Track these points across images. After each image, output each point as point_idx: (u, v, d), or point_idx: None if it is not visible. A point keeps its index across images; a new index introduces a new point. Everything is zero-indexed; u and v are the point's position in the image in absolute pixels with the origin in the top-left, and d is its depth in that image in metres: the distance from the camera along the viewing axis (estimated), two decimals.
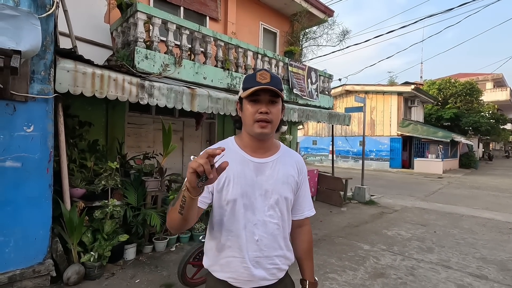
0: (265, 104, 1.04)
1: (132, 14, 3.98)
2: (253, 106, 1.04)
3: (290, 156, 1.19)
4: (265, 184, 1.08)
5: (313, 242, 1.30)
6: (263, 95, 1.04)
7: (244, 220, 1.06)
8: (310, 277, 1.22)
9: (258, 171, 1.09)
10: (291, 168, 1.16)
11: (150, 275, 3.14)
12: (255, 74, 1.05)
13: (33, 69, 2.59)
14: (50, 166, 2.73)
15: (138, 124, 5.34)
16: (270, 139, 1.13)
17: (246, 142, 1.12)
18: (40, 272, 2.65)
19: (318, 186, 7.25)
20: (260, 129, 1.04)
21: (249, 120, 1.05)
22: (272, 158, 1.13)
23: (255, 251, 1.06)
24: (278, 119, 1.09)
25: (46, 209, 2.71)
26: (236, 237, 1.06)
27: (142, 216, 3.63)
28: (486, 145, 29.65)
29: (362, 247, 4.11)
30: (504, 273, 3.37)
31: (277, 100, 1.06)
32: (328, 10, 8.46)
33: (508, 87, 28.06)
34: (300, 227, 1.24)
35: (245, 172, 1.07)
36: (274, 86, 1.03)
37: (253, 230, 1.06)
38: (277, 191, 1.10)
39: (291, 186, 1.14)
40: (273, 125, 1.07)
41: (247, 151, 1.11)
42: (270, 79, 1.03)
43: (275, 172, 1.11)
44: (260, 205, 1.08)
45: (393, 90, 16.32)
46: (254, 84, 1.02)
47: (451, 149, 17.03)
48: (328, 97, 7.29)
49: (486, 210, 6.60)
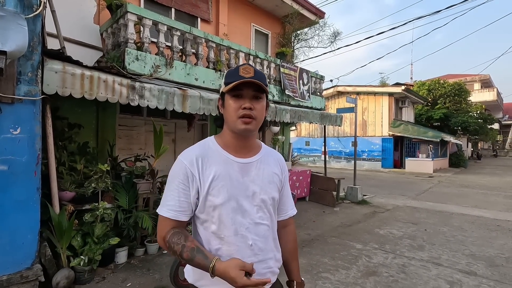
0: (248, 100, 0.98)
1: (122, 15, 3.95)
2: (236, 102, 0.98)
3: (272, 155, 1.16)
4: (251, 185, 1.04)
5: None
6: (246, 90, 0.98)
7: (235, 225, 0.99)
8: (297, 277, 1.20)
9: (243, 172, 1.04)
10: (275, 167, 1.13)
11: (142, 278, 3.11)
12: (238, 68, 1.00)
13: (20, 70, 2.54)
14: (38, 169, 2.67)
15: (129, 126, 5.28)
16: (253, 137, 1.09)
17: (228, 141, 1.06)
18: (28, 278, 2.58)
19: (311, 187, 7.29)
20: (244, 125, 0.98)
21: (231, 116, 0.99)
22: (256, 158, 1.08)
23: (250, 257, 0.99)
24: (262, 116, 1.03)
25: (34, 213, 2.65)
26: (228, 244, 0.99)
27: (134, 219, 3.59)
28: (474, 144, 30.28)
29: (354, 246, 4.14)
30: (492, 269, 3.43)
31: (261, 95, 1.01)
32: (319, 12, 8.54)
33: (495, 88, 28.79)
34: (285, 227, 1.22)
35: (230, 173, 1.01)
36: (258, 80, 0.97)
37: (245, 234, 1.00)
38: (264, 192, 1.06)
39: (276, 185, 1.11)
40: (257, 122, 1.01)
41: (229, 151, 1.05)
42: (253, 74, 0.98)
43: (260, 172, 1.07)
44: (249, 207, 1.02)
45: (384, 91, 16.54)
46: (237, 79, 0.96)
47: (441, 148, 17.32)
48: (320, 98, 7.34)
49: (475, 208, 6.73)
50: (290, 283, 1.19)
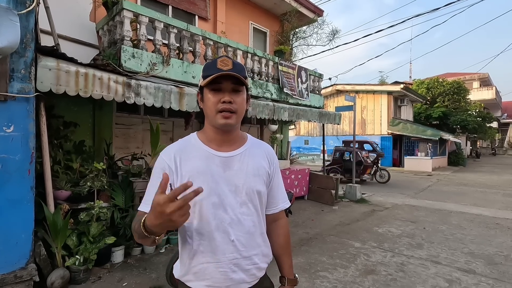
0: (228, 93, 0.96)
1: (118, 12, 3.90)
2: (214, 96, 0.97)
3: (259, 147, 1.13)
4: (234, 179, 1.01)
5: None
6: (225, 83, 0.96)
7: (216, 220, 0.97)
8: (289, 273, 1.16)
9: (225, 166, 1.01)
10: (261, 159, 1.10)
11: (139, 278, 3.08)
12: (215, 60, 0.97)
13: (13, 67, 2.50)
14: (32, 168, 2.64)
15: (126, 124, 5.24)
16: (235, 130, 1.06)
17: (210, 136, 1.04)
18: (22, 277, 2.55)
19: (310, 185, 7.27)
20: (223, 119, 0.96)
21: (211, 111, 0.97)
22: (240, 151, 1.05)
23: (232, 253, 0.98)
24: (243, 109, 1.02)
25: (28, 212, 2.62)
26: (209, 240, 0.97)
27: (130, 218, 3.55)
28: (473, 143, 30.31)
29: (353, 244, 4.12)
30: (491, 267, 3.42)
31: (240, 88, 0.99)
32: (318, 10, 8.50)
33: (494, 86, 28.78)
34: (275, 221, 1.17)
35: (211, 168, 0.99)
36: (237, 73, 0.95)
37: (227, 230, 0.98)
38: (248, 185, 1.02)
39: (262, 178, 1.07)
40: (238, 116, 1.00)
41: (211, 146, 1.03)
42: (232, 66, 0.95)
43: (244, 165, 1.03)
44: (232, 202, 0.99)
45: (383, 90, 16.53)
46: (215, 72, 0.94)
47: (440, 147, 17.33)
48: (318, 96, 7.31)
49: (474, 206, 6.72)
50: (282, 279, 1.17)
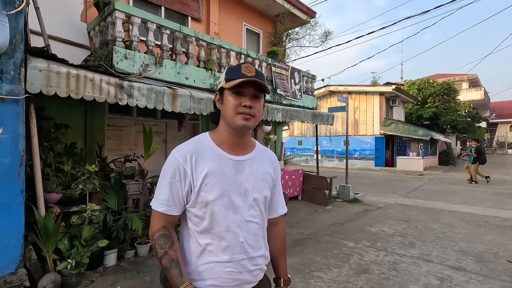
0: (249, 98, 1.00)
1: (110, 13, 3.87)
2: (236, 99, 1.00)
3: (266, 154, 1.18)
4: (244, 182, 1.05)
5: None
6: (248, 88, 1.00)
7: (227, 221, 1.01)
8: (284, 274, 1.22)
9: (237, 170, 1.05)
10: (268, 166, 1.15)
11: (132, 281, 3.04)
12: (239, 66, 1.01)
13: (2, 69, 2.45)
14: (22, 171, 2.59)
15: (119, 126, 5.19)
16: (248, 135, 1.10)
17: (224, 137, 1.07)
18: (12, 283, 2.50)
19: (304, 186, 7.30)
20: (243, 121, 1.00)
21: (230, 112, 1.00)
22: (250, 156, 1.09)
23: (240, 254, 1.01)
24: (260, 114, 1.06)
25: (17, 215, 2.57)
26: (219, 240, 1.00)
27: (123, 221, 3.52)
28: (463, 142, 30.87)
29: (346, 244, 4.15)
30: (481, 265, 3.49)
31: (260, 95, 1.03)
32: (310, 12, 8.57)
33: (483, 87, 29.40)
34: (275, 225, 1.23)
35: (223, 170, 1.02)
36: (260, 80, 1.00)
37: (237, 231, 1.02)
38: (257, 190, 1.07)
39: (269, 184, 1.12)
40: (256, 120, 1.03)
41: (224, 148, 1.05)
42: (255, 73, 1.00)
43: (253, 170, 1.08)
44: (241, 205, 1.03)
45: (375, 91, 16.71)
46: (239, 76, 0.98)
47: (431, 147, 17.61)
48: (311, 97, 7.36)
49: (464, 205, 6.85)
50: (277, 280, 1.21)
